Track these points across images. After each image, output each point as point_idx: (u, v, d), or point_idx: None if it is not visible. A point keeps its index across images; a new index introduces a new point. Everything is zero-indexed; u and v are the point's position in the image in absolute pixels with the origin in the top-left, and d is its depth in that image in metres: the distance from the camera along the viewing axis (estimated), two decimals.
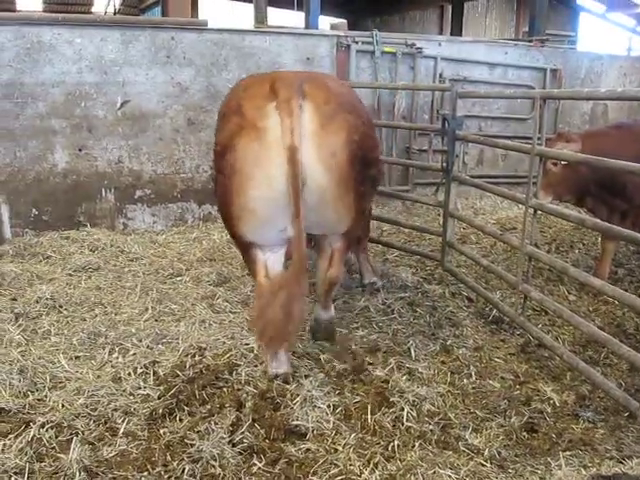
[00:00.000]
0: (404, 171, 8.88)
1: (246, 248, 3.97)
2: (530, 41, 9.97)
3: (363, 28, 11.06)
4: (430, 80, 8.61)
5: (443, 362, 4.41)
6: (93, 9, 30.25)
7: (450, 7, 17.84)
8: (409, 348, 4.52)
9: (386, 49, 8.26)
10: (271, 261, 3.95)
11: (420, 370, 4.21)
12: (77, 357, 4.38)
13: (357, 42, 8.14)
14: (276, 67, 7.69)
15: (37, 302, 5.15)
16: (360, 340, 4.65)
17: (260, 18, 12.51)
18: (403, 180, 8.86)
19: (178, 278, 5.92)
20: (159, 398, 3.83)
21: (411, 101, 8.53)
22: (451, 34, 15.90)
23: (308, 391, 3.78)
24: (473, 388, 4.13)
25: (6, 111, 6.67)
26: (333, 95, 3.71)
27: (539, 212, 4.66)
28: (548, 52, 9.63)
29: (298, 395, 3.75)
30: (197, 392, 3.84)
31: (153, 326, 4.79)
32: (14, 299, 5.27)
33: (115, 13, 28.14)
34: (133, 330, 4.71)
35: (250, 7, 13.11)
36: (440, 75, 8.63)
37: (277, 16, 16.99)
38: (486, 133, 8.64)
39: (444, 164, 5.52)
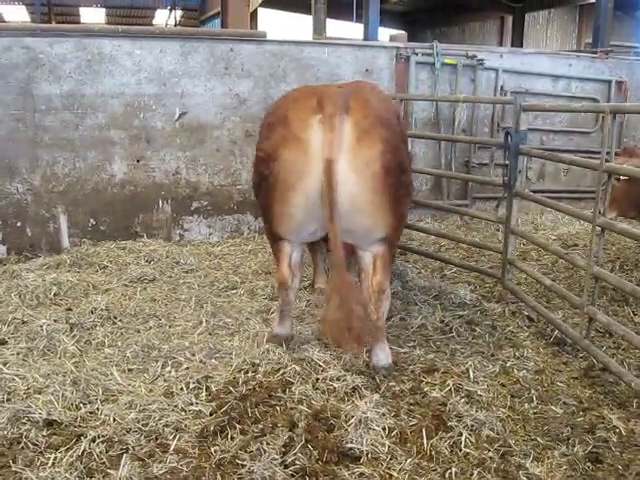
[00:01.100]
0: (463, 185, 8.69)
1: (276, 240, 4.34)
2: (594, 52, 9.67)
3: (422, 40, 10.96)
4: (491, 92, 8.41)
5: (503, 385, 4.22)
6: (154, 21, 30.92)
7: (511, 18, 17.55)
8: (468, 369, 4.33)
9: (447, 61, 8.12)
10: (295, 252, 4.36)
11: (479, 393, 4.02)
12: (130, 370, 4.34)
13: (417, 54, 8.03)
14: (334, 79, 7.63)
15: (92, 313, 5.16)
16: (417, 359, 4.49)
17: (319, 30, 12.47)
18: (462, 194, 8.66)
19: (233, 291, 5.87)
20: (211, 415, 3.75)
21: (471, 114, 8.35)
22: (512, 46, 15.59)
23: (363, 412, 3.65)
24: (534, 413, 3.92)
25: (66, 122, 6.76)
26: (372, 110, 3.95)
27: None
28: (613, 64, 9.31)
29: (353, 416, 3.62)
30: (249, 410, 3.75)
31: (207, 340, 4.73)
32: (69, 309, 5.29)
33: (176, 25, 28.69)
34: (187, 344, 4.66)
35: (309, 19, 13.05)
36: (501, 88, 8.42)
37: (336, 28, 16.95)
38: (548, 147, 8.38)
39: (506, 179, 5.34)
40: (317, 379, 4.09)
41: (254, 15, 17.20)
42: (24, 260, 6.78)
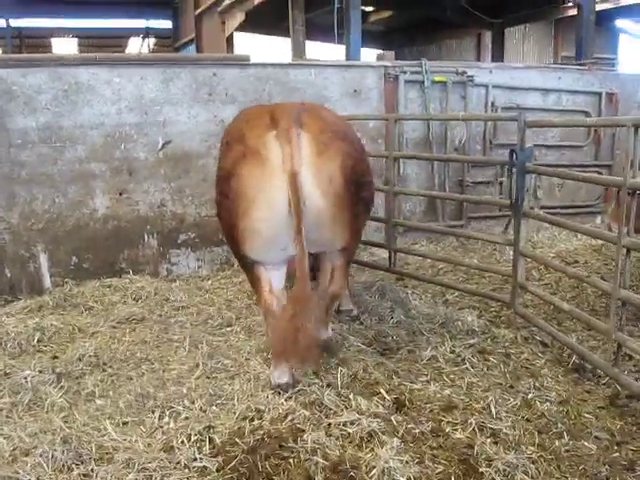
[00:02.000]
0: (458, 205, 8.42)
1: (250, 267, 4.28)
2: (581, 65, 9.53)
3: (400, 58, 10.70)
4: (482, 109, 8.20)
5: (528, 420, 3.91)
6: (127, 50, 30.65)
7: (487, 34, 17.49)
8: (489, 404, 4.02)
9: (436, 78, 7.91)
10: (274, 278, 4.27)
11: (505, 431, 3.71)
12: (125, 423, 3.98)
13: (405, 72, 7.81)
14: (322, 101, 7.36)
15: (80, 360, 4.80)
16: (433, 396, 4.18)
17: (298, 52, 12.27)
18: (457, 215, 8.38)
19: (228, 328, 5.54)
20: (217, 471, 3.42)
21: (464, 131, 8.12)
22: (492, 61, 15.51)
23: (385, 462, 3.33)
24: (566, 451, 3.63)
25: (44, 156, 6.43)
26: (328, 125, 4.05)
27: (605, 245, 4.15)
28: (602, 75, 9.18)
29: (374, 467, 3.30)
30: (260, 464, 3.42)
31: (205, 385, 4.39)
32: (55, 357, 4.93)
33: (151, 52, 28.42)
34: (184, 390, 4.31)
35: (288, 42, 12.85)
36: (492, 103, 8.23)
37: (315, 50, 16.77)
38: (541, 162, 8.16)
39: (513, 199, 5.08)
40: (329, 424, 3.77)
41: (230, 40, 16.90)
42: (3, 303, 6.39)
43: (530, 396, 4.18)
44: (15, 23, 26.17)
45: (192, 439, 3.71)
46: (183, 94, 6.86)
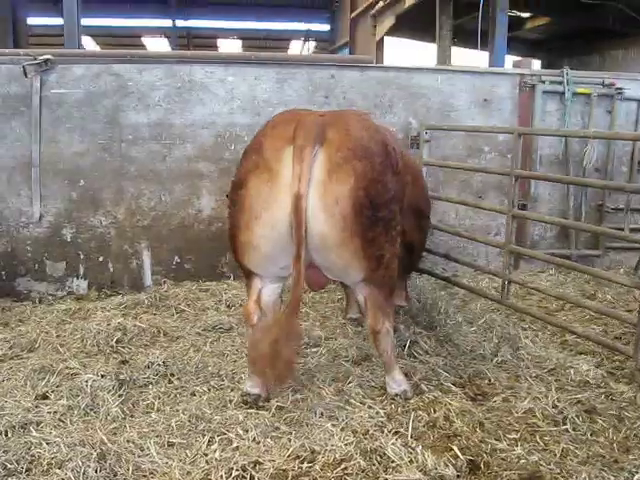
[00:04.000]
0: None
1: (247, 273, 4.12)
2: None
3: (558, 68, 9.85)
4: (631, 127, 7.27)
5: None
6: (289, 52, 31.21)
7: None
8: None
9: (579, 90, 7.08)
10: (267, 290, 4.12)
11: None
12: (171, 444, 3.67)
13: (544, 81, 7.05)
14: (447, 110, 6.84)
15: (148, 368, 4.60)
16: (516, 461, 3.53)
17: (443, 58, 11.75)
18: (593, 243, 7.47)
19: (314, 349, 5.10)
20: None
21: (606, 151, 7.24)
22: None
23: None
24: None
25: (153, 152, 6.36)
26: (349, 141, 3.71)
27: None
28: None
29: None
30: None
31: (266, 412, 4.02)
32: (124, 362, 4.76)
33: None
34: (241, 416, 3.96)
35: (435, 47, 12.36)
36: None
37: (463, 56, 16.09)
38: None
39: None
40: None
41: (380, 44, 16.69)
42: (103, 297, 6.40)
43: (636, 477, 3.38)
44: (183, 24, 27.45)
45: (233, 474, 3.34)
46: (298, 96, 6.56)
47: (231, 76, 6.42)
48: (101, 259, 6.51)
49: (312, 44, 29.94)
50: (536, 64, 18.53)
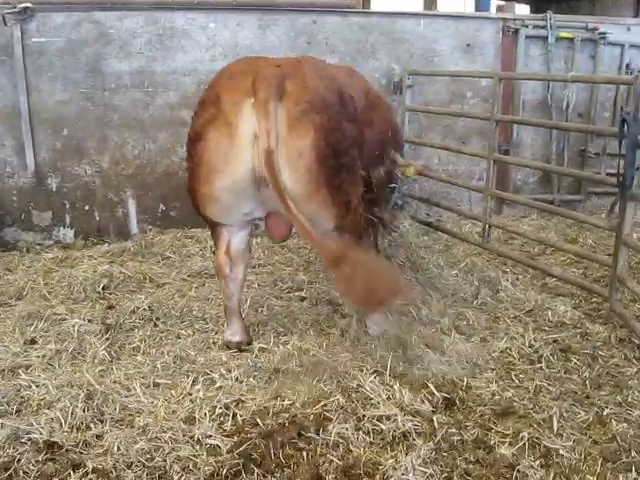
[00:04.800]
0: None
1: (212, 225, 4.15)
2: None
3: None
4: (615, 71, 7.26)
5: (595, 442, 3.28)
6: None
7: None
8: (551, 416, 3.44)
9: (562, 34, 7.04)
10: (234, 239, 4.14)
11: (561, 452, 3.14)
12: (156, 384, 3.81)
13: (527, 26, 7.01)
14: (430, 55, 6.83)
15: (134, 312, 4.70)
16: (491, 398, 3.66)
17: (429, 4, 11.61)
18: (575, 188, 7.55)
19: (296, 293, 5.23)
20: (228, 453, 3.14)
21: (590, 96, 7.25)
22: None
23: (405, 472, 2.92)
24: None
25: (136, 100, 6.35)
26: (307, 94, 3.69)
27: None
28: None
29: (391, 477, 2.91)
30: (273, 451, 3.11)
31: (249, 354, 4.14)
32: (111, 307, 4.87)
33: None
34: (224, 358, 4.08)
35: None
36: (627, 66, 7.21)
37: (449, 1, 15.85)
38: None
39: (621, 177, 4.37)
40: (362, 416, 3.39)
41: None
42: (90, 246, 6.47)
43: (606, 412, 3.53)
44: None
45: (216, 412, 3.48)
46: (280, 42, 6.53)
47: (213, 22, 6.37)
48: (87, 208, 6.56)
49: None
50: (525, 9, 18.26)
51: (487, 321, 4.75)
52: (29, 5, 6.02)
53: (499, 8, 7.68)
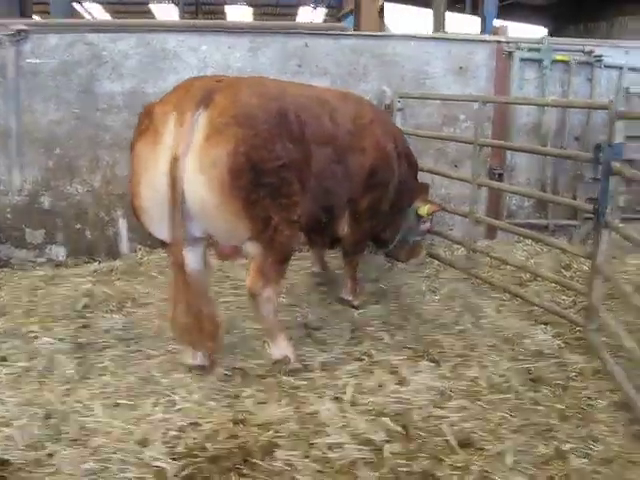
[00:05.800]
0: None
1: (162, 245, 4.10)
2: None
3: (564, 36, 9.59)
4: (612, 95, 7.13)
5: (551, 477, 3.18)
6: (297, 19, 30.87)
7: None
8: (506, 450, 3.38)
9: (558, 57, 6.99)
10: (188, 257, 3.99)
11: None
12: (117, 405, 3.82)
13: (522, 49, 6.95)
14: (422, 77, 6.81)
15: (107, 332, 4.74)
16: (449, 428, 3.61)
17: (438, 24, 11.63)
18: (572, 213, 7.39)
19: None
20: (174, 476, 3.14)
21: (587, 119, 7.18)
22: None
23: None
24: None
25: (127, 121, 6.40)
26: (233, 107, 3.72)
27: None
28: None
29: None
30: (216, 477, 3.11)
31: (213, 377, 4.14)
32: (85, 326, 4.89)
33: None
34: (189, 379, 4.09)
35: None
36: (626, 89, 7.13)
37: (459, 22, 15.87)
38: None
39: (596, 205, 4.33)
40: (312, 444, 3.37)
41: (381, 11, 16.49)
42: (81, 264, 6.53)
43: (567, 447, 3.43)
44: None
45: (170, 435, 3.50)
46: (271, 64, 6.56)
47: (204, 45, 6.43)
48: (78, 226, 6.62)
49: (323, 11, 29.57)
50: (542, 31, 18.21)
51: (463, 348, 4.69)
52: (24, 27, 6.15)
53: (493, 31, 7.65)
